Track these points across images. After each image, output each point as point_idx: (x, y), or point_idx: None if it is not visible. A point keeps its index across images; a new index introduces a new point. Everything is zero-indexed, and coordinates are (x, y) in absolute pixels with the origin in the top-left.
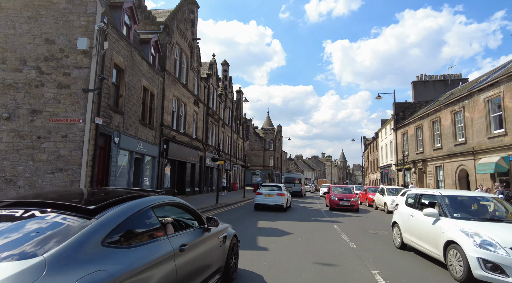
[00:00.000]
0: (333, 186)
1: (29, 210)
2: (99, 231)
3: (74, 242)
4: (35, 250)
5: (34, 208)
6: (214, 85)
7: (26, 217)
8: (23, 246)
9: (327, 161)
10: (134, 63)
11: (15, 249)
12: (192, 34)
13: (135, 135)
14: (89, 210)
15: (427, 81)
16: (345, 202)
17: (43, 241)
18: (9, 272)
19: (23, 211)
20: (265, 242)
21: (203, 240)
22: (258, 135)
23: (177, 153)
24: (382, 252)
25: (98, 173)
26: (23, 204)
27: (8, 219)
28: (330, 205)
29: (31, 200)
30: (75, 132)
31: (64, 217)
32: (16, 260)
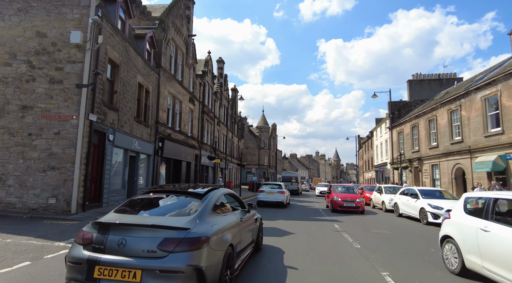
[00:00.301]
0: (334, 185)
1: (169, 195)
2: (209, 205)
3: (202, 210)
4: (189, 212)
5: (169, 194)
6: (209, 82)
7: (173, 196)
8: (183, 210)
9: (321, 160)
10: (129, 58)
11: (180, 211)
12: (188, 30)
13: (130, 132)
14: (200, 194)
15: (422, 80)
16: (350, 203)
17: (189, 208)
18: (185, 219)
19: (166, 195)
20: (266, 242)
21: (247, 217)
22: (253, 133)
23: (172, 151)
24: (388, 252)
25: (92, 172)
26: (159, 192)
27: (163, 199)
28: (333, 207)
29: (164, 190)
30: (68, 129)
31: (190, 199)
32: (184, 215)
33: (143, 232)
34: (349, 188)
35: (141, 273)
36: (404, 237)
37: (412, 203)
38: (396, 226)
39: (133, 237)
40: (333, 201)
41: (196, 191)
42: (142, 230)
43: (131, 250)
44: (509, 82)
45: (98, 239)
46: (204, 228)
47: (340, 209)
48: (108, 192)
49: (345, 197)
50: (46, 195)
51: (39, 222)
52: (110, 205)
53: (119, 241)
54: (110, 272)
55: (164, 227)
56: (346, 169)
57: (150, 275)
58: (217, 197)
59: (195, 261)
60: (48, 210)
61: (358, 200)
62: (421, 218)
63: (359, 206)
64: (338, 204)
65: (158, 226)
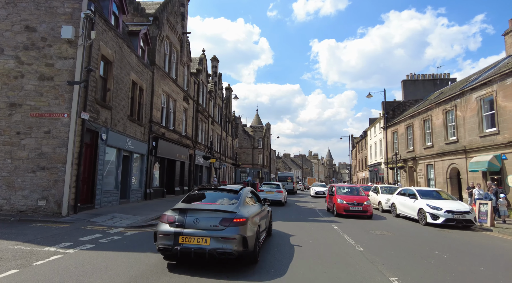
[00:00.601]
0: (337, 186)
1: (216, 191)
2: (242, 198)
3: (240, 201)
4: (232, 202)
5: (216, 190)
6: (204, 81)
7: (219, 192)
8: (228, 200)
9: (314, 159)
10: (123, 55)
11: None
12: (182, 28)
13: (124, 131)
14: (236, 191)
15: (416, 80)
16: (356, 206)
17: (231, 199)
18: (232, 206)
19: (214, 191)
20: (266, 245)
21: (263, 209)
22: (247, 133)
23: (166, 150)
24: (392, 255)
25: (84, 172)
26: (208, 189)
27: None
28: (336, 211)
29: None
30: (59, 128)
31: (230, 193)
32: (230, 204)
33: (209, 214)
34: (353, 189)
35: (210, 239)
36: (406, 239)
37: (410, 204)
38: (395, 227)
39: (203, 217)
40: (337, 204)
41: (233, 188)
42: (209, 213)
43: (202, 226)
44: (505, 82)
45: (179, 219)
46: (244, 212)
47: (346, 213)
48: (101, 193)
49: (351, 199)
50: (36, 197)
51: (27, 225)
52: (103, 206)
53: (194, 220)
54: (190, 239)
55: (222, 211)
56: (338, 169)
57: (216, 241)
58: (246, 193)
59: (241, 232)
60: (37, 212)
61: (366, 203)
62: (420, 218)
63: (367, 209)
64: (343, 207)
65: (219, 210)
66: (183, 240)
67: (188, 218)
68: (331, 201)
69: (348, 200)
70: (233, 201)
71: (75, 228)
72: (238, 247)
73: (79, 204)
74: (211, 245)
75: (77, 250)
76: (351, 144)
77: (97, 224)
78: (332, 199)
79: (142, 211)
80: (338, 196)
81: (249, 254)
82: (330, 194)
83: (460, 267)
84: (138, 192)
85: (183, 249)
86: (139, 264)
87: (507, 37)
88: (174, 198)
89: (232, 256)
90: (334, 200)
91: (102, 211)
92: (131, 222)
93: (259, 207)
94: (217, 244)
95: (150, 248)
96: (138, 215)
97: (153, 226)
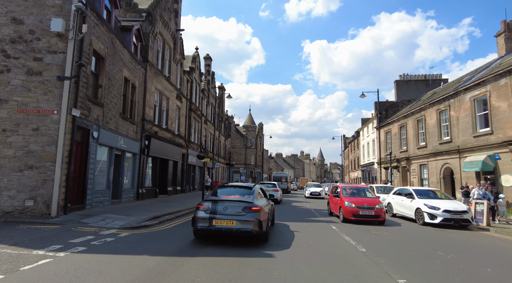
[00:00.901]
0: (343, 186)
1: (235, 187)
2: (255, 192)
3: (254, 195)
4: (248, 195)
5: (235, 186)
6: (197, 79)
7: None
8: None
9: (306, 159)
10: (115, 51)
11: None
12: (176, 25)
13: (116, 129)
14: (250, 187)
15: (409, 80)
16: (367, 210)
17: (247, 193)
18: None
19: (235, 186)
20: (265, 248)
21: (269, 202)
22: (239, 132)
23: (159, 150)
24: (396, 256)
25: (75, 171)
26: (230, 186)
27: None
28: (344, 216)
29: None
30: (49, 125)
31: (245, 189)
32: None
33: (234, 204)
34: (360, 190)
35: (235, 222)
36: (406, 239)
37: (407, 203)
38: (393, 227)
39: (229, 206)
40: (344, 208)
41: (247, 185)
42: (233, 203)
43: (230, 212)
44: (499, 82)
45: (212, 207)
46: (258, 203)
47: (355, 218)
48: (92, 193)
49: (361, 202)
50: (23, 197)
51: (14, 227)
52: (94, 206)
53: (223, 208)
54: (221, 222)
55: (243, 202)
56: (330, 169)
57: (240, 223)
58: (257, 189)
59: (257, 217)
60: (24, 213)
61: (378, 206)
62: (417, 218)
63: (379, 214)
64: (352, 212)
65: (241, 201)
66: (216, 222)
67: (219, 206)
68: (336, 204)
69: (358, 203)
70: (249, 195)
71: (66, 230)
72: (255, 228)
73: (69, 205)
74: (237, 226)
75: (68, 253)
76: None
77: (89, 225)
78: (337, 202)
79: (135, 211)
80: (345, 198)
81: (263, 233)
82: (334, 195)
83: (466, 268)
84: (130, 192)
85: (216, 229)
86: (136, 268)
87: (499, 39)
88: (167, 198)
89: (252, 234)
90: (341, 203)
91: (93, 211)
92: (124, 223)
93: (266, 200)
94: (241, 225)
95: (146, 250)
96: (131, 216)
97: (148, 227)
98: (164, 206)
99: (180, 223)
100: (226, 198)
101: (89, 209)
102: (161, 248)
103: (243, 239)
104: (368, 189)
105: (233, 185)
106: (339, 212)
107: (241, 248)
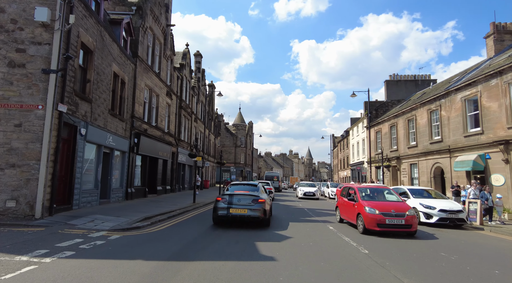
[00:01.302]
0: (358, 187)
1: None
2: (260, 189)
3: (259, 190)
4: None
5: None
6: (187, 76)
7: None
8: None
9: (295, 158)
10: (104, 45)
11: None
12: (166, 20)
13: (104, 126)
14: (255, 184)
15: (399, 80)
16: (396, 219)
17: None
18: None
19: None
20: (266, 249)
21: (268, 197)
22: (229, 131)
23: (148, 148)
24: (401, 258)
25: (61, 170)
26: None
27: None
28: (366, 225)
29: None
30: (33, 121)
31: (253, 187)
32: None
33: (245, 196)
34: (380, 192)
35: (247, 210)
36: (406, 240)
37: None
38: None
39: (242, 198)
40: (365, 216)
41: (253, 183)
42: (245, 196)
43: (242, 203)
44: (490, 83)
45: (229, 199)
46: (263, 196)
47: (381, 229)
48: (80, 193)
49: (386, 208)
50: (4, 198)
51: None
52: (81, 207)
53: (238, 200)
54: (236, 210)
55: (252, 195)
56: (318, 168)
57: (250, 211)
58: (261, 186)
59: (263, 206)
60: (5, 215)
61: (408, 213)
62: None
63: (411, 223)
64: (377, 220)
65: (250, 194)
66: (232, 211)
67: (234, 199)
68: (350, 210)
69: (383, 209)
70: (256, 190)
71: (51, 233)
72: (261, 215)
73: (55, 205)
74: (248, 213)
75: (54, 258)
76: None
77: (76, 227)
78: (353, 207)
79: (125, 212)
80: (364, 202)
81: (266, 219)
82: (349, 199)
83: (474, 271)
84: (119, 191)
85: (232, 216)
86: (131, 275)
87: (488, 40)
88: (157, 198)
89: (258, 219)
90: (359, 208)
91: (81, 212)
92: (114, 225)
93: (267, 195)
94: (251, 213)
95: (140, 254)
96: (122, 217)
97: (140, 229)
98: (155, 206)
99: (173, 224)
100: (239, 192)
101: (76, 209)
102: (156, 251)
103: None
104: (390, 190)
105: (241, 183)
106: (356, 221)
107: (240, 251)
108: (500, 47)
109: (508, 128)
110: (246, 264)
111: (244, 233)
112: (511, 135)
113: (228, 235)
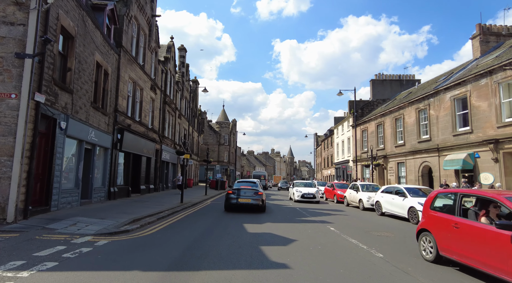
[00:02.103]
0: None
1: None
2: (258, 185)
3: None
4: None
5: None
6: (171, 70)
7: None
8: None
9: (277, 157)
10: (87, 31)
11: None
12: (152, 10)
13: (86, 120)
14: (255, 182)
15: (384, 80)
16: None
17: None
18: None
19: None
20: (275, 255)
21: (263, 193)
22: (213, 129)
23: (132, 144)
24: (418, 263)
25: (38, 167)
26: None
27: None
28: None
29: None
30: (4, 111)
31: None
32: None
33: (249, 190)
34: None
35: (250, 200)
36: (413, 241)
37: (398, 202)
38: (390, 227)
39: (247, 191)
40: None
41: (253, 180)
42: (249, 189)
43: (247, 194)
44: (479, 82)
45: (237, 192)
46: (261, 190)
47: None
48: (59, 193)
49: None
50: None
51: None
52: (61, 208)
53: (243, 192)
54: (242, 199)
55: (254, 189)
56: (299, 166)
57: (252, 200)
58: (259, 183)
59: (262, 198)
60: None
61: None
62: (410, 217)
63: None
64: None
65: (253, 189)
66: (240, 200)
67: (241, 192)
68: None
69: None
70: (256, 186)
71: (27, 239)
72: (259, 203)
73: (30, 207)
74: (251, 202)
75: (33, 272)
76: (316, 143)
77: (57, 232)
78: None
79: (109, 213)
80: None
81: (263, 206)
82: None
83: None
84: (101, 191)
85: (240, 203)
86: None
87: (474, 41)
88: (141, 198)
89: (258, 206)
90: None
91: (61, 214)
92: (100, 228)
93: (263, 189)
94: (253, 201)
95: (135, 263)
96: (107, 219)
97: (129, 232)
98: (141, 207)
99: (165, 226)
100: (244, 187)
101: (55, 211)
102: (153, 259)
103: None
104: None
105: (244, 180)
106: None
107: (248, 257)
108: (485, 48)
109: (498, 127)
110: (259, 273)
111: (245, 234)
112: (500, 134)
113: (228, 238)
